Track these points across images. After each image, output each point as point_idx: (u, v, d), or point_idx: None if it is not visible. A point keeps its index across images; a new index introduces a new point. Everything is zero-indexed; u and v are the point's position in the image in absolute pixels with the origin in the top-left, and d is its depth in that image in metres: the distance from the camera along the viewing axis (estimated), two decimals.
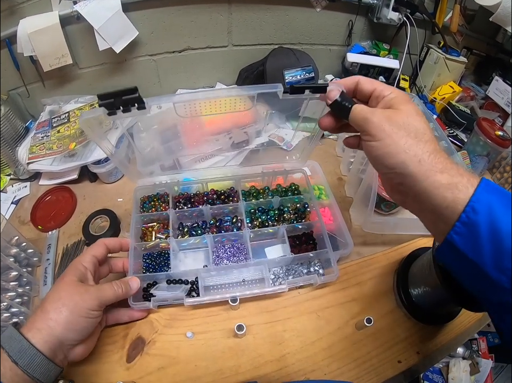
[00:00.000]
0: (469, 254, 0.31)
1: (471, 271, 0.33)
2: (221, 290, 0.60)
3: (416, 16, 0.93)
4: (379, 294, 0.60)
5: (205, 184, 0.71)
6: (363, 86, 0.41)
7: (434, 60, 1.00)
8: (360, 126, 0.38)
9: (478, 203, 0.31)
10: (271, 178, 0.72)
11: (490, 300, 0.33)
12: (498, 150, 0.81)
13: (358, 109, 0.39)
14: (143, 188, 0.69)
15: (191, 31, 0.87)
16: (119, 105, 0.42)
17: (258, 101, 0.82)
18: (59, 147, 0.76)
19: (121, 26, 0.79)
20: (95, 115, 0.44)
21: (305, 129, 0.80)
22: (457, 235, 0.32)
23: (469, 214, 0.31)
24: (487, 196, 0.31)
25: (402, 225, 0.66)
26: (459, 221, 0.31)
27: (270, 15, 0.90)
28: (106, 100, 0.41)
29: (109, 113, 0.43)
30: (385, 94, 0.38)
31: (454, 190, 0.32)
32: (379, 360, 0.53)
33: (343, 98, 0.41)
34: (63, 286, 0.46)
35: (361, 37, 1.02)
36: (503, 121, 0.99)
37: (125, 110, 0.43)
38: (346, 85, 0.42)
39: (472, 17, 1.06)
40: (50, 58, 0.79)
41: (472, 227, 0.31)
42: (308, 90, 0.44)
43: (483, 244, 0.30)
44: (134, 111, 0.43)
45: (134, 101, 0.42)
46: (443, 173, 0.33)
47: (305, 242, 0.66)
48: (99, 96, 0.41)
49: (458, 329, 0.59)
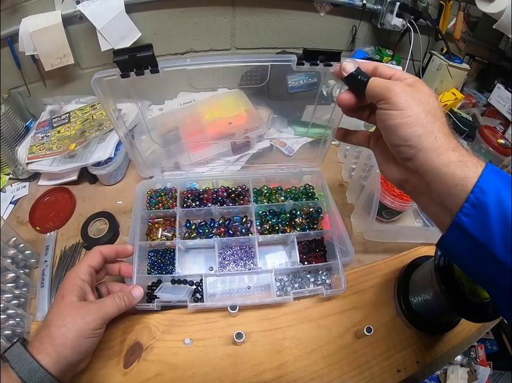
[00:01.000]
0: (478, 236, 0.31)
1: (480, 255, 0.32)
2: (225, 296, 0.58)
3: (420, 22, 0.93)
4: (380, 302, 0.60)
5: (216, 181, 0.69)
6: (382, 70, 0.40)
7: (437, 66, 1.00)
8: (379, 94, 0.37)
9: (486, 183, 0.31)
10: (285, 179, 0.71)
11: (499, 286, 0.32)
12: (500, 158, 0.81)
13: (377, 80, 0.38)
14: (149, 182, 0.68)
15: (194, 33, 0.87)
16: (133, 65, 0.41)
17: (261, 104, 0.83)
18: (59, 148, 0.75)
19: (123, 27, 0.78)
20: (109, 74, 0.43)
21: (307, 134, 0.80)
22: (466, 217, 0.31)
23: (477, 194, 0.31)
24: (494, 177, 0.31)
25: (403, 233, 0.66)
26: (467, 201, 0.31)
27: (274, 19, 0.89)
28: (121, 57, 0.40)
29: (123, 75, 0.42)
30: (406, 77, 0.38)
31: (464, 167, 0.32)
32: (379, 369, 0.53)
33: (359, 72, 0.39)
34: (65, 311, 0.45)
35: (364, 42, 1.01)
36: (505, 128, 1.00)
37: (138, 73, 0.42)
38: (364, 68, 0.41)
39: (475, 24, 1.06)
40: (52, 57, 0.78)
41: (481, 208, 0.30)
42: (321, 57, 0.43)
43: (493, 225, 0.30)
44: (147, 74, 0.42)
45: (148, 61, 0.41)
46: (455, 151, 0.33)
47: (314, 249, 0.65)
48: (114, 51, 0.40)
49: (458, 338, 0.58)
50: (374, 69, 0.40)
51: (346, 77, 0.40)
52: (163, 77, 0.44)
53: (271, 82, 0.81)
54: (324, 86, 0.83)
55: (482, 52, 1.13)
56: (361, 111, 0.43)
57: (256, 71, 0.56)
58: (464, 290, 0.45)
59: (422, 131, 0.33)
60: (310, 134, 0.77)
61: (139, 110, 0.55)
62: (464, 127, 0.95)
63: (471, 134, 0.92)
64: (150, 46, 0.40)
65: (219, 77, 0.93)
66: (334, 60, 0.42)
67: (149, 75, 0.43)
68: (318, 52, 0.43)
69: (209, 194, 0.69)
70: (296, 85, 0.77)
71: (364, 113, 0.43)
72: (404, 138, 0.34)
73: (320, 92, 0.53)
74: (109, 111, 0.51)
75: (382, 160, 0.42)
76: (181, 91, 0.88)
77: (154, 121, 0.72)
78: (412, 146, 0.34)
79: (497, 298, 0.34)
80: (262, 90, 0.80)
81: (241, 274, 0.59)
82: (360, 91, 0.39)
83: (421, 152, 0.33)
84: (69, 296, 0.46)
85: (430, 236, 0.66)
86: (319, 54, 0.43)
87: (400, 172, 0.38)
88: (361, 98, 0.40)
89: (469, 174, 0.31)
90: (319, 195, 0.70)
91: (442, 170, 0.32)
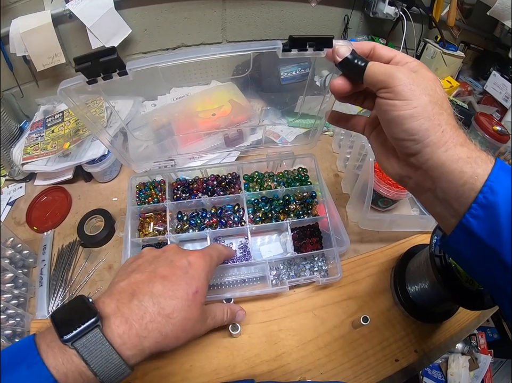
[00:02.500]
0: (486, 239, 0.29)
1: (487, 259, 0.30)
2: (219, 288, 0.58)
3: (413, 10, 0.91)
4: (376, 292, 0.60)
5: (204, 171, 0.68)
6: (381, 51, 0.36)
7: (431, 55, 0.99)
8: (380, 82, 0.33)
9: (496, 183, 0.28)
10: (277, 164, 0.69)
11: (506, 291, 0.30)
12: (497, 145, 0.81)
13: (377, 65, 0.34)
14: (138, 176, 0.68)
15: (185, 27, 0.87)
16: (98, 70, 0.37)
17: (254, 97, 0.82)
18: (53, 147, 0.75)
19: (113, 24, 0.78)
20: (74, 83, 0.39)
21: (301, 125, 0.80)
22: (474, 218, 0.29)
23: (486, 194, 0.28)
24: (504, 175, 0.29)
25: (399, 222, 0.66)
26: (475, 202, 0.29)
27: (265, 11, 0.89)
28: (83, 64, 0.36)
29: (89, 81, 0.38)
30: (408, 61, 0.34)
31: (473, 164, 0.29)
32: (376, 359, 0.53)
33: (354, 56, 0.35)
34: (194, 312, 0.38)
35: (357, 32, 1.01)
36: (501, 115, 0.99)
37: (105, 77, 0.38)
38: (361, 49, 0.37)
39: (469, 11, 1.05)
40: (43, 57, 0.78)
41: (491, 209, 0.28)
42: (311, 43, 0.38)
43: (502, 228, 0.28)
44: (115, 78, 0.39)
45: (114, 64, 0.37)
46: (463, 146, 0.30)
47: (309, 235, 0.64)
48: (75, 59, 0.36)
49: (456, 327, 0.58)
50: (371, 51, 0.36)
51: (340, 62, 0.36)
52: (151, 75, 0.41)
53: (263, 73, 0.81)
54: (317, 77, 0.83)
55: (477, 39, 1.12)
56: (355, 97, 0.40)
57: (247, 62, 0.54)
58: (460, 278, 0.45)
59: (429, 124, 0.30)
60: (302, 125, 0.76)
61: (113, 110, 0.55)
62: (461, 115, 0.95)
63: (467, 122, 0.91)
64: (114, 48, 0.37)
65: (212, 70, 0.93)
66: (325, 47, 0.37)
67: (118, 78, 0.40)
68: (306, 39, 0.38)
69: (199, 184, 0.68)
70: (289, 76, 0.76)
71: (358, 98, 0.40)
72: (409, 131, 0.31)
73: (310, 81, 0.52)
74: (84, 117, 0.48)
75: (380, 153, 0.38)
76: (174, 86, 0.87)
77: (147, 117, 0.72)
78: (418, 141, 0.31)
79: (504, 303, 0.32)
80: (254, 82, 0.79)
81: (235, 266, 0.59)
82: (356, 77, 0.36)
83: (427, 147, 0.30)
84: (202, 295, 0.40)
85: (427, 225, 0.65)
86: (308, 41, 0.38)
87: (402, 167, 0.35)
88: (357, 83, 0.37)
89: (479, 171, 0.29)
90: (312, 180, 0.69)
91: (450, 167, 0.30)
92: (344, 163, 0.79)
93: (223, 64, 0.91)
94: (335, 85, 0.37)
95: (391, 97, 0.32)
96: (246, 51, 0.41)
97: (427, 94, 0.31)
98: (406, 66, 0.34)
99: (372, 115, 0.40)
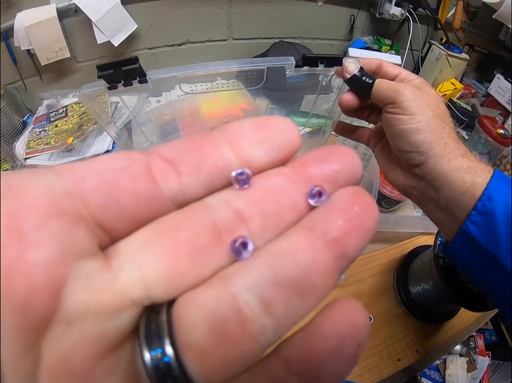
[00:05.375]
0: (485, 244, 0.31)
1: (486, 264, 0.32)
2: None
3: (419, 11, 0.92)
4: (379, 292, 0.60)
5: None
6: (387, 69, 0.39)
7: (436, 56, 0.99)
8: (388, 98, 0.35)
9: (493, 191, 0.30)
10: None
11: (506, 295, 0.32)
12: (500, 148, 0.81)
13: (384, 82, 0.36)
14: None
15: (191, 24, 0.86)
16: (119, 77, 0.39)
17: (259, 95, 0.82)
18: (56, 142, 0.75)
19: (119, 19, 0.78)
20: (96, 88, 0.41)
21: (306, 125, 0.79)
22: (473, 224, 0.31)
23: (485, 202, 0.30)
24: (501, 185, 0.31)
25: (403, 222, 0.66)
26: (474, 209, 0.31)
27: (271, 9, 0.89)
28: (105, 71, 0.39)
29: (110, 87, 0.40)
30: (412, 78, 0.37)
31: (473, 173, 0.32)
32: (379, 358, 0.53)
33: (362, 73, 0.38)
34: None
35: (363, 32, 1.01)
36: (504, 119, 0.99)
37: (126, 84, 0.40)
38: (368, 65, 0.39)
39: (475, 14, 1.05)
40: (48, 51, 0.78)
41: (489, 216, 0.30)
42: (322, 61, 0.40)
43: (500, 233, 0.30)
44: (135, 85, 0.41)
45: (135, 73, 0.40)
46: (464, 157, 0.33)
47: None
48: (98, 66, 0.38)
49: (457, 327, 0.59)
50: (378, 68, 0.39)
51: (349, 78, 0.38)
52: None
53: (268, 73, 0.81)
54: (322, 76, 0.83)
55: (482, 42, 1.12)
56: (361, 111, 0.42)
57: (253, 71, 0.55)
58: (463, 279, 0.46)
59: (432, 137, 0.33)
60: (309, 125, 0.76)
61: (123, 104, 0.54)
62: (464, 117, 0.95)
63: (471, 124, 0.92)
64: (136, 58, 0.39)
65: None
66: (335, 65, 0.40)
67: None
68: (318, 58, 0.40)
69: None
70: (294, 76, 0.76)
71: (364, 112, 0.42)
72: (414, 144, 0.33)
73: (315, 81, 0.52)
74: (97, 115, 0.49)
75: (385, 164, 0.40)
76: (179, 83, 0.87)
77: (152, 113, 0.72)
78: (422, 152, 0.33)
79: (504, 307, 0.33)
80: (259, 82, 0.79)
81: None
82: (364, 93, 0.38)
83: (431, 158, 0.33)
84: None
85: (430, 226, 0.66)
86: (319, 60, 0.40)
87: (406, 177, 0.37)
88: (364, 98, 0.39)
89: (478, 181, 0.31)
90: None
91: (452, 176, 0.32)
92: None
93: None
94: (344, 101, 0.39)
95: (398, 111, 0.34)
96: (261, 66, 0.44)
97: (430, 109, 0.34)
98: (411, 83, 0.37)
99: (376, 129, 0.42)
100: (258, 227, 0.11)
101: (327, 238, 0.11)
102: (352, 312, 0.11)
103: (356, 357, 0.10)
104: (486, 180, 0.31)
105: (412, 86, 0.35)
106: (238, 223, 0.11)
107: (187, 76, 0.48)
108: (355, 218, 0.11)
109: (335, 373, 0.10)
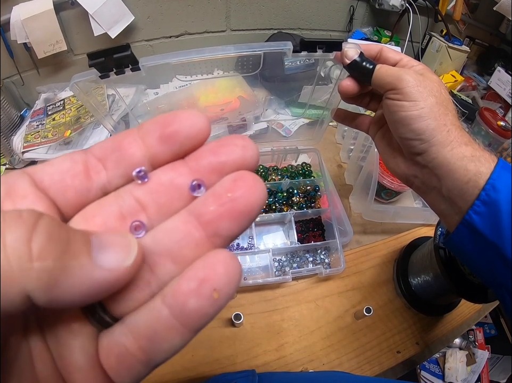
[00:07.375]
0: (488, 235, 0.30)
1: (489, 255, 0.31)
2: None
3: (419, 3, 0.90)
4: (379, 283, 0.60)
5: None
6: (388, 54, 0.37)
7: (436, 48, 0.98)
8: (389, 84, 0.34)
9: (498, 181, 0.29)
10: (281, 158, 0.69)
11: (508, 287, 0.31)
12: (500, 140, 0.80)
13: (385, 67, 0.35)
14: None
15: (189, 15, 0.85)
16: (111, 65, 0.38)
17: (257, 86, 0.81)
18: (54, 135, 0.75)
19: (116, 11, 0.77)
20: (87, 78, 0.40)
21: (304, 115, 0.79)
22: (477, 215, 0.30)
23: (489, 191, 0.30)
24: (506, 174, 0.30)
25: (403, 214, 0.65)
26: (478, 199, 0.30)
27: (270, 0, 0.88)
28: (97, 59, 0.37)
29: (102, 76, 0.39)
30: (414, 64, 0.36)
31: (477, 162, 0.31)
32: (378, 351, 0.53)
33: (363, 59, 0.36)
34: None
35: (362, 23, 0.99)
36: (505, 111, 0.98)
37: (118, 72, 0.39)
38: (368, 51, 0.38)
39: (475, 6, 1.04)
40: (45, 44, 0.77)
41: (493, 206, 0.29)
42: (320, 46, 0.39)
43: (504, 224, 0.29)
44: (128, 73, 0.39)
45: (127, 60, 0.38)
46: (468, 145, 0.32)
47: (312, 228, 0.64)
48: (88, 54, 0.37)
49: (457, 320, 0.58)
50: (378, 54, 0.38)
51: (349, 64, 0.37)
52: (155, 65, 0.41)
53: (266, 64, 0.80)
54: (320, 67, 0.82)
55: (483, 35, 1.11)
56: (361, 98, 0.41)
57: (249, 57, 0.54)
58: (464, 270, 0.45)
59: (435, 124, 0.32)
60: (307, 115, 0.76)
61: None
62: (464, 109, 0.94)
63: (471, 117, 0.91)
64: (128, 45, 0.38)
65: (215, 60, 0.92)
66: (334, 50, 0.38)
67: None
68: (316, 43, 0.39)
69: None
70: (293, 66, 0.75)
71: (364, 99, 0.41)
72: (416, 131, 0.32)
73: (314, 72, 0.52)
74: (90, 105, 0.48)
75: (386, 153, 0.39)
76: (177, 74, 0.86)
77: (148, 105, 0.71)
78: (425, 140, 0.32)
79: (506, 299, 0.32)
80: (256, 68, 0.79)
81: (238, 255, 0.58)
82: (364, 79, 0.37)
83: (434, 146, 0.32)
84: None
85: (430, 217, 0.65)
86: (317, 44, 0.39)
87: (408, 166, 0.36)
88: (364, 85, 0.38)
89: (482, 169, 0.30)
90: (316, 174, 0.69)
91: (455, 164, 0.31)
92: (347, 154, 0.78)
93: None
94: (343, 86, 0.38)
95: (400, 98, 0.33)
96: (258, 51, 0.43)
97: (433, 95, 0.33)
98: (413, 69, 0.35)
99: (377, 116, 0.41)
100: (154, 213, 0.15)
101: (201, 220, 0.14)
102: (218, 262, 0.13)
103: (212, 298, 0.13)
104: (490, 169, 0.30)
105: (414, 72, 0.34)
106: (139, 210, 0.15)
107: (184, 67, 0.47)
108: (228, 203, 0.14)
109: (199, 309, 0.13)
